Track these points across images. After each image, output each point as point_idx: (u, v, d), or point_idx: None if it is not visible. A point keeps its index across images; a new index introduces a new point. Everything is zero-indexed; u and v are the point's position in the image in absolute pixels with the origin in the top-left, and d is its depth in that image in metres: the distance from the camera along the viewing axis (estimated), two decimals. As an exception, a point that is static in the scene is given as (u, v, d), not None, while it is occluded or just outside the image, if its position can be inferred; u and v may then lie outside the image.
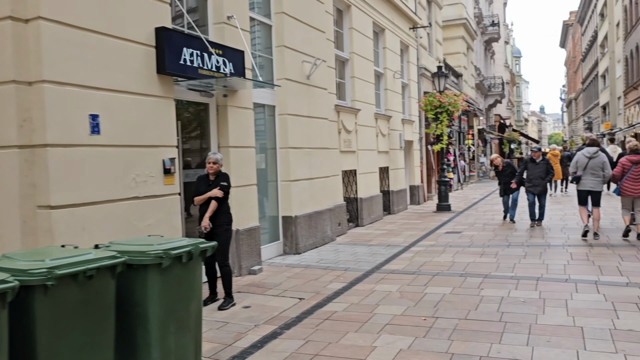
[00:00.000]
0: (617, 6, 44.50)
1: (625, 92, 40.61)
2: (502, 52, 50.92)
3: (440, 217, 12.71)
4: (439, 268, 7.03)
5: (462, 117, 25.25)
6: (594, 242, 8.38)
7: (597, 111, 56.66)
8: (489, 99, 36.44)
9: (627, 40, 40.49)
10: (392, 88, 14.26)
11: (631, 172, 8.30)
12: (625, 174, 8.38)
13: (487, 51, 39.17)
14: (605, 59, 49.95)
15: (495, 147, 44.08)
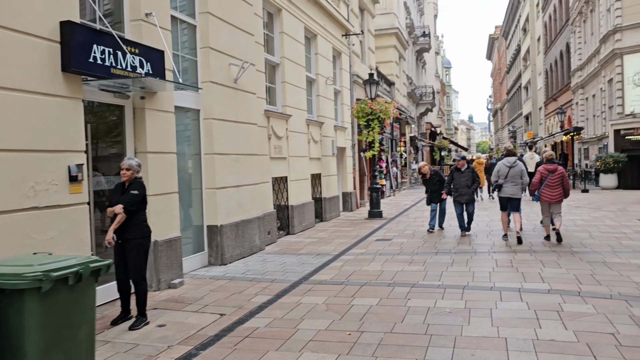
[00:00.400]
0: (538, 22, 47.13)
1: (546, 103, 43.01)
2: (433, 62, 52.53)
3: (372, 224, 12.69)
4: (367, 277, 6.89)
5: (395, 125, 25.66)
6: (517, 249, 8.57)
7: (521, 121, 59.71)
8: (420, 107, 37.40)
9: (547, 54, 42.93)
10: (324, 94, 14.17)
11: (548, 179, 9.10)
12: (543, 182, 9.14)
13: (419, 61, 40.24)
14: (528, 72, 52.74)
15: (427, 154, 45.32)
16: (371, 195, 14.22)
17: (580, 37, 30.37)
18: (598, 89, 26.34)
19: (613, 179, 22.10)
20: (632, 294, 5.60)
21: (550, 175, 9.09)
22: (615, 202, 16.29)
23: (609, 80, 24.01)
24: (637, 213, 13.29)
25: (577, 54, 31.00)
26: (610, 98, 24.27)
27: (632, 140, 21.75)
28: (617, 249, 8.31)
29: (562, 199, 9.17)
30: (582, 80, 29.80)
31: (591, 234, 9.91)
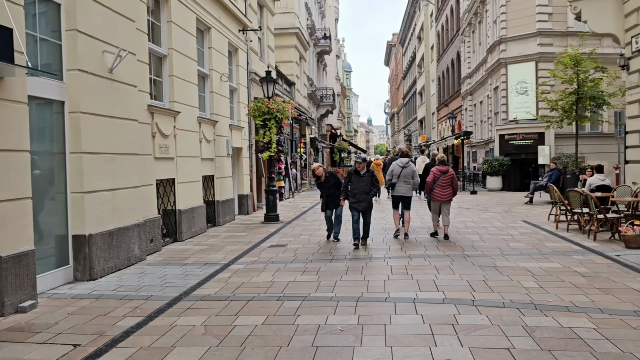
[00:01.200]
0: (432, 31, 49.38)
1: (438, 108, 45.14)
2: (333, 65, 53.17)
3: (267, 229, 12.11)
4: (256, 290, 6.30)
5: (295, 126, 25.31)
6: (412, 254, 8.43)
7: (416, 124, 62.32)
8: (321, 109, 37.50)
9: (439, 62, 45.06)
10: (218, 91, 13.36)
11: (440, 180, 9.84)
12: (435, 182, 9.86)
13: (320, 63, 40.38)
14: (422, 78, 55.14)
15: (327, 155, 45.66)
16: (267, 198, 13.63)
17: (469, 47, 32.05)
18: (485, 96, 27.89)
19: (498, 181, 23.41)
20: (523, 300, 5.52)
21: (442, 176, 9.83)
22: (500, 204, 17.10)
23: (495, 88, 25.45)
24: (520, 214, 13.95)
25: (466, 63, 32.70)
26: (495, 105, 25.74)
27: (515, 145, 23.17)
28: (505, 252, 8.43)
29: (451, 198, 9.97)
30: (471, 88, 31.46)
31: (481, 236, 10.09)
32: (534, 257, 7.96)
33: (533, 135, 22.53)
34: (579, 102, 16.31)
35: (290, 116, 13.60)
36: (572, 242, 9.19)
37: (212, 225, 12.72)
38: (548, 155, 21.81)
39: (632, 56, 10.78)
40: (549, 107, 17.07)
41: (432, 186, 9.86)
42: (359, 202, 9.19)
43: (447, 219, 9.99)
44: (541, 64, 22.39)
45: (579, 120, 16.67)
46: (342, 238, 10.23)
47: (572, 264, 7.39)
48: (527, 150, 22.75)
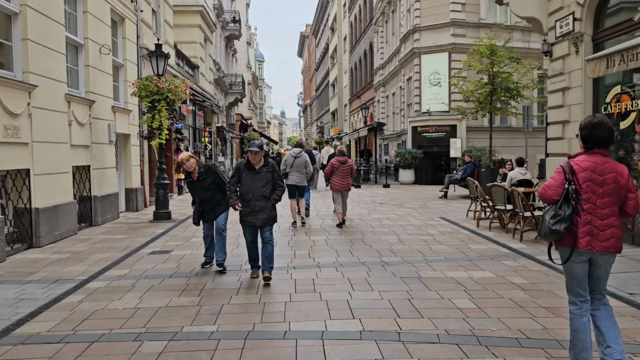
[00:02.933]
0: (345, 22, 48.71)
1: (351, 100, 44.55)
2: (244, 52, 50.97)
3: (155, 229, 10.24)
4: (109, 324, 4.59)
5: (198, 113, 23.21)
6: (321, 262, 7.03)
7: (328, 117, 61.73)
8: (229, 96, 35.41)
9: (352, 53, 44.43)
10: (97, 66, 11.20)
11: (339, 170, 10.20)
12: (334, 172, 10.23)
13: (229, 48, 38.17)
14: (335, 70, 54.47)
15: (237, 146, 43.59)
16: (157, 193, 11.69)
17: (382, 37, 31.46)
18: (398, 87, 27.36)
19: (411, 174, 22.86)
20: (462, 331, 4.29)
21: (341, 166, 10.20)
22: (415, 198, 16.32)
23: (408, 78, 24.90)
24: (437, 209, 13.12)
25: (379, 54, 32.12)
26: (409, 96, 25.22)
27: (427, 138, 22.71)
28: (429, 257, 7.30)
29: (350, 188, 10.43)
30: (384, 79, 30.91)
31: (399, 237, 8.95)
32: (462, 263, 6.87)
33: (445, 128, 22.17)
34: (493, 93, 15.84)
35: (184, 98, 11.72)
36: (497, 244, 8.27)
37: (87, 225, 10.62)
38: (460, 148, 21.53)
39: (556, 42, 10.11)
40: (464, 98, 16.50)
41: (330, 176, 10.26)
42: (253, 212, 5.97)
43: (345, 207, 10.49)
44: (454, 55, 22.02)
45: (493, 112, 16.23)
46: (240, 240, 8.65)
47: (505, 272, 6.35)
48: (439, 143, 22.37)
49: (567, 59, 9.84)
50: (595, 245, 3.34)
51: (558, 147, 10.26)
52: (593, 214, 3.36)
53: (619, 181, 3.37)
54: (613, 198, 3.37)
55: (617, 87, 8.77)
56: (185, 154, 6.67)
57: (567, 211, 3.35)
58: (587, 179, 3.37)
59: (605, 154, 3.43)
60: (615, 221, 3.39)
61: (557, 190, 3.41)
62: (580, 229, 3.37)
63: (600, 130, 3.39)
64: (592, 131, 3.41)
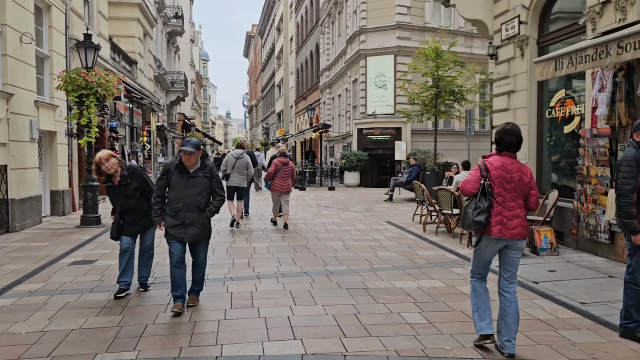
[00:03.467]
0: (291, 22, 48.26)
1: (297, 102, 44.14)
2: (187, 50, 49.49)
3: (80, 236, 9.38)
4: (3, 354, 3.89)
5: (136, 111, 22.08)
6: (262, 272, 6.51)
7: (274, 118, 61.07)
8: (171, 94, 34.15)
9: (298, 54, 44.04)
10: (17, 56, 10.19)
11: (281, 171, 10.17)
12: (276, 173, 10.17)
13: (171, 45, 36.86)
14: (281, 70, 53.91)
15: (178, 146, 42.20)
16: (85, 196, 10.77)
17: (328, 38, 31.24)
18: (344, 89, 27.18)
19: (356, 177, 22.68)
20: (414, 352, 3.90)
21: (283, 167, 10.19)
22: (360, 201, 16.06)
23: (354, 80, 24.75)
24: (382, 213, 12.87)
25: (325, 55, 31.88)
26: (354, 98, 25.07)
27: (372, 140, 22.60)
28: (375, 264, 6.94)
29: (290, 190, 10.37)
30: (330, 80, 30.69)
31: (345, 243, 8.56)
32: (410, 271, 6.54)
33: (391, 131, 22.12)
34: (438, 96, 15.82)
35: (117, 93, 10.87)
36: (445, 249, 8.03)
37: (3, 231, 9.61)
38: (405, 151, 21.52)
39: (502, 45, 10.05)
40: (410, 100, 16.41)
41: (273, 177, 10.19)
42: (183, 225, 4.87)
43: (287, 208, 10.41)
44: (400, 58, 22.03)
45: (438, 115, 16.22)
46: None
47: (455, 281, 6.07)
48: (384, 145, 22.30)
49: (513, 62, 9.79)
50: (505, 232, 3.82)
51: (503, 151, 10.21)
52: (503, 206, 3.85)
53: (523, 179, 3.90)
54: (518, 193, 3.89)
55: (562, 92, 8.77)
56: (103, 152, 5.34)
57: (486, 204, 3.82)
58: (498, 176, 3.87)
59: (513, 156, 3.95)
60: (521, 212, 3.90)
61: (474, 185, 3.89)
62: (493, 218, 3.83)
63: (509, 136, 3.91)
64: (503, 136, 3.94)
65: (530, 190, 3.94)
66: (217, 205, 4.98)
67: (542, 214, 8.32)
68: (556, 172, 9.24)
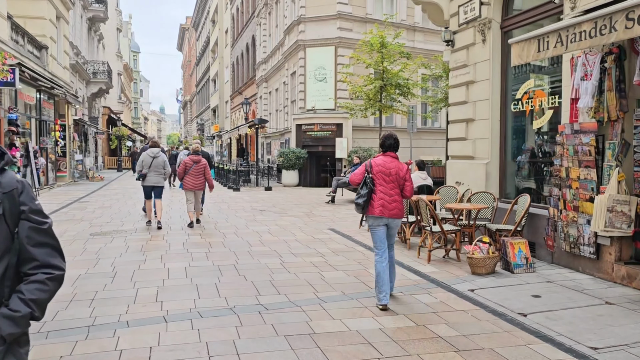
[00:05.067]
0: (227, 14, 46.06)
1: (232, 96, 42.07)
2: (114, 39, 46.09)
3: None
4: None
5: (46, 101, 19.52)
6: (170, 312, 4.91)
7: (209, 113, 58.51)
8: (92, 86, 31.25)
9: (234, 46, 41.99)
10: None
11: (192, 169, 10.03)
12: (187, 171, 10.03)
13: (92, 32, 33.84)
14: (216, 64, 51.52)
15: (104, 142, 39.14)
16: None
17: (265, 30, 29.58)
18: (282, 83, 25.65)
19: (294, 176, 21.23)
20: None
21: (195, 165, 10.06)
22: (300, 203, 14.63)
23: (292, 73, 23.27)
24: (325, 218, 11.49)
25: (262, 47, 30.20)
26: (293, 92, 23.60)
27: (312, 137, 21.22)
28: (321, 292, 5.50)
29: (203, 188, 10.25)
30: (267, 74, 29.05)
31: (283, 260, 7.07)
32: (365, 302, 5.15)
33: (331, 127, 20.82)
34: (383, 89, 14.64)
35: (1, 76, 8.81)
36: (403, 267, 6.72)
37: None
38: (346, 148, 20.30)
39: (459, 29, 8.89)
40: (352, 93, 15.12)
41: (184, 175, 10.07)
42: None
43: (199, 206, 10.45)
44: (341, 50, 20.75)
45: (383, 110, 15.04)
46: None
47: (424, 316, 4.73)
48: (325, 142, 20.97)
49: (472, 48, 8.66)
50: (385, 213, 5.00)
51: (461, 149, 9.07)
52: (384, 193, 5.02)
53: (399, 173, 5.07)
54: (395, 184, 5.06)
55: (530, 82, 7.69)
56: None
57: (365, 191, 5.04)
58: (379, 171, 5.06)
59: (393, 155, 5.16)
60: (398, 198, 5.09)
61: (359, 177, 5.15)
62: (376, 202, 5.01)
63: (389, 140, 5.20)
64: (385, 141, 5.22)
65: (405, 182, 5.10)
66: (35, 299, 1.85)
67: (512, 222, 7.21)
68: (522, 173, 8.18)
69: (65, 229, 9.87)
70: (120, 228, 9.93)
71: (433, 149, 21.68)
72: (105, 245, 8.17)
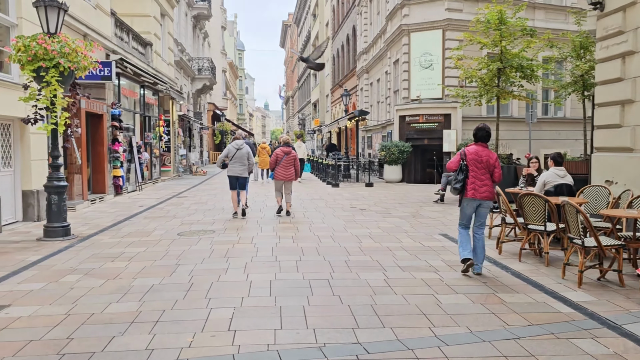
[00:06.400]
0: (327, 6, 45.36)
1: (332, 90, 41.29)
2: (218, 37, 47.32)
3: (27, 255, 6.96)
4: None
5: (150, 98, 19.79)
6: (242, 347, 3.83)
7: (310, 108, 58.42)
8: (197, 82, 31.90)
9: (334, 39, 41.14)
10: (-41, 18, 7.86)
11: (283, 161, 10.33)
12: (278, 163, 10.35)
13: (197, 30, 34.63)
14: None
15: (208, 137, 40.17)
16: (49, 199, 8.36)
17: (366, 18, 28.27)
18: (383, 73, 24.22)
19: (397, 171, 19.76)
20: None
21: (285, 157, 10.39)
22: (404, 202, 13.21)
23: (395, 61, 21.75)
24: (434, 220, 10.01)
25: (362, 37, 28.93)
26: (395, 81, 22.09)
27: (417, 129, 19.60)
28: (439, 328, 4.14)
29: (293, 178, 10.52)
30: (368, 64, 27.75)
31: (387, 277, 5.78)
32: (503, 348, 3.73)
33: (438, 117, 19.06)
34: (501, 72, 12.74)
35: (90, 66, 8.38)
36: (544, 291, 5.15)
37: None
38: (455, 141, 18.47)
39: (614, -14, 7.01)
40: (466, 78, 13.33)
41: (275, 166, 10.43)
42: None
43: (289, 197, 10.63)
44: (449, 33, 18.89)
45: (501, 97, 13.12)
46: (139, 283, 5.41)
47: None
48: (430, 134, 19.27)
49: (632, 9, 6.75)
50: (477, 195, 5.74)
51: (613, 139, 7.18)
52: (476, 178, 5.75)
53: (489, 161, 5.77)
54: (486, 170, 5.76)
55: None
56: None
57: (461, 176, 5.80)
58: (472, 159, 5.77)
59: (484, 145, 5.85)
60: (489, 182, 5.78)
61: (456, 164, 5.87)
62: (469, 186, 5.77)
63: (481, 132, 5.86)
64: (477, 132, 5.89)
65: (495, 169, 5.79)
66: None
67: None
68: None
69: (155, 227, 9.35)
70: (210, 227, 9.22)
71: (557, 142, 19.09)
72: (190, 247, 7.41)
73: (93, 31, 13.21)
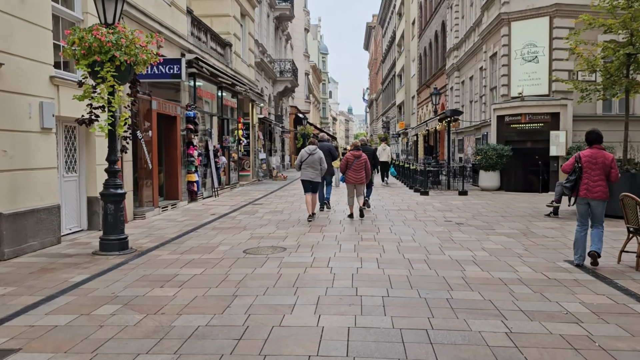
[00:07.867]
0: (414, 4, 43.39)
1: (419, 91, 39.23)
2: (301, 39, 46.88)
3: (74, 274, 6.06)
4: None
5: (229, 100, 19.15)
6: None
7: (394, 111, 56.51)
8: (278, 85, 31.29)
9: (421, 37, 39.11)
10: (13, 11, 7.21)
11: (354, 164, 10.78)
12: (349, 166, 10.80)
13: (280, 32, 34.12)
14: (402, 58, 49.20)
15: (290, 141, 39.62)
16: (105, 209, 7.51)
17: (457, 12, 26.16)
18: (477, 69, 22.05)
19: (495, 178, 17.63)
20: None
21: (356, 160, 10.78)
22: (507, 214, 11.30)
23: (492, 55, 19.59)
24: (550, 239, 8.12)
25: (453, 32, 26.81)
26: (492, 78, 19.91)
27: (518, 130, 17.37)
28: None
29: (364, 182, 10.90)
30: (459, 61, 25.61)
31: (509, 328, 4.17)
32: None
33: (544, 117, 16.72)
34: (632, 59, 10.49)
35: (151, 60, 7.45)
36: None
37: (-16, 260, 6.64)
38: (564, 143, 16.09)
39: None
40: (590, 66, 11.16)
41: (346, 170, 10.71)
42: None
43: (361, 197, 10.90)
44: (557, 20, 16.54)
45: (632, 90, 10.83)
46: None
47: None
48: (534, 136, 16.98)
49: None
50: (589, 195, 6.21)
51: None
52: (589, 179, 6.22)
53: (605, 162, 6.20)
54: (601, 171, 6.20)
55: None
56: None
57: (573, 177, 6.33)
58: (587, 162, 6.25)
59: (599, 147, 6.30)
60: (602, 183, 6.19)
61: (570, 166, 6.42)
62: (582, 186, 6.25)
63: (592, 136, 6.37)
64: (588, 137, 6.42)
65: (611, 170, 6.17)
66: None
67: None
68: None
69: (221, 240, 8.29)
70: (281, 243, 8.00)
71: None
72: (254, 271, 6.19)
73: (167, 29, 12.56)
